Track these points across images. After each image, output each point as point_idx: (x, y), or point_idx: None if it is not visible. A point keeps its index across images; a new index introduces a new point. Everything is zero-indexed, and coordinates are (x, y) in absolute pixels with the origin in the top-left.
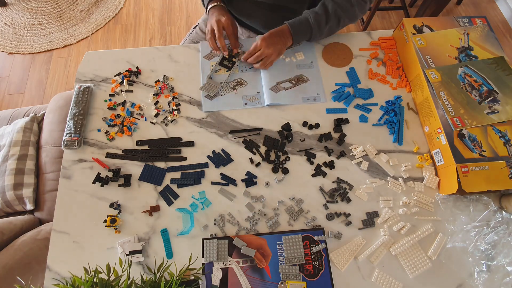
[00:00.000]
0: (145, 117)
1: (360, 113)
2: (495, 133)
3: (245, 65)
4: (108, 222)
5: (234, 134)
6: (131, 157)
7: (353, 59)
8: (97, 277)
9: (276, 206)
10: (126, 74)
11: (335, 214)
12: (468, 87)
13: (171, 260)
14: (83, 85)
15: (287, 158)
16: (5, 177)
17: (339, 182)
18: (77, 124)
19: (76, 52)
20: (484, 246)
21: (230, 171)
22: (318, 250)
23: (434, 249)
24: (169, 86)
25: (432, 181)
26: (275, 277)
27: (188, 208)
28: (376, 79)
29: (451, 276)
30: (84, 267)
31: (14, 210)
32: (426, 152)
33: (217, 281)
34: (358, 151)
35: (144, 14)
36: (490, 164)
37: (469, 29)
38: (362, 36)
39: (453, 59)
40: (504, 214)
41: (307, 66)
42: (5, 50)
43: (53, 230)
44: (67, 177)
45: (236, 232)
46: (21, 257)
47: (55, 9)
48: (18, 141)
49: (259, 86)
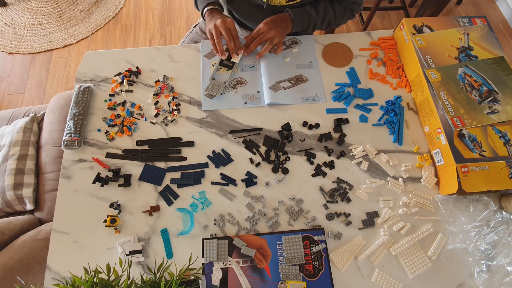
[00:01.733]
0: (145, 117)
1: (360, 113)
2: (495, 133)
3: (246, 64)
4: (108, 222)
5: (234, 134)
6: (131, 157)
7: (353, 59)
8: (97, 277)
9: (276, 206)
10: (126, 74)
11: (335, 214)
12: (468, 87)
13: (171, 260)
14: (83, 85)
15: (287, 158)
16: (5, 177)
17: (339, 182)
18: (77, 124)
19: (76, 52)
20: (484, 246)
21: (230, 171)
22: (318, 250)
23: (434, 249)
24: (169, 86)
25: (429, 180)
26: (275, 277)
27: (188, 208)
28: (376, 79)
29: (451, 276)
30: (84, 267)
31: (14, 210)
32: (426, 152)
33: (217, 281)
34: (358, 151)
35: (144, 14)
36: (490, 164)
37: (469, 29)
38: (362, 36)
39: (453, 59)
40: (504, 214)
41: (306, 66)
42: (5, 50)
43: (53, 230)
44: (67, 177)
45: (236, 232)
46: (21, 257)
47: (55, 9)
48: (18, 141)
49: (259, 85)
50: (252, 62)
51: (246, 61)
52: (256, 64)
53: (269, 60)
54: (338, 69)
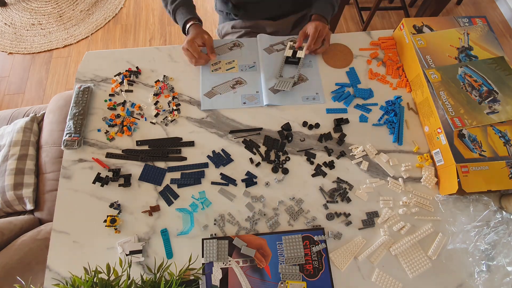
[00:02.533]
0: (145, 117)
1: (360, 113)
2: (495, 133)
3: (245, 64)
4: (108, 222)
5: (234, 134)
6: (131, 157)
7: (353, 60)
8: (97, 277)
9: (276, 206)
10: (126, 74)
11: (335, 214)
12: (468, 87)
13: (171, 260)
14: (83, 85)
15: (287, 158)
16: (5, 177)
17: (339, 182)
18: (77, 124)
19: (76, 52)
20: (484, 246)
21: (230, 171)
22: (318, 250)
23: (434, 249)
24: (169, 86)
25: (429, 180)
26: (275, 277)
27: (188, 208)
28: (376, 79)
29: (451, 276)
30: (84, 267)
31: (14, 210)
32: (426, 152)
33: (217, 281)
34: (358, 151)
35: (144, 14)
36: (490, 164)
37: (469, 29)
38: (362, 36)
39: (453, 59)
40: (504, 214)
41: (306, 66)
42: (5, 50)
43: (53, 230)
44: (67, 177)
45: (236, 232)
46: (21, 257)
47: (55, 9)
48: (18, 141)
49: (258, 85)
50: (252, 62)
51: (245, 61)
52: (256, 64)
53: (268, 61)
54: (338, 69)
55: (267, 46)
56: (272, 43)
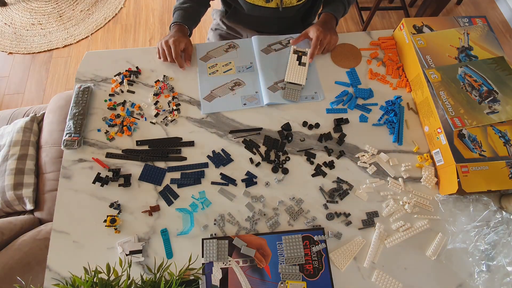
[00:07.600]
0: (145, 117)
1: (360, 113)
2: (495, 133)
3: (242, 65)
4: (108, 222)
5: (234, 134)
6: (131, 157)
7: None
8: (97, 277)
9: (276, 206)
10: (126, 74)
11: (335, 214)
12: (468, 87)
13: (171, 260)
14: (83, 85)
15: (287, 158)
16: (5, 177)
17: (339, 182)
18: (77, 124)
19: (76, 52)
20: (484, 246)
21: (230, 171)
22: (318, 250)
23: (434, 249)
24: (169, 86)
25: (429, 180)
26: (275, 277)
27: (188, 208)
28: (376, 79)
29: (451, 276)
30: (84, 267)
31: (14, 210)
32: (426, 152)
33: (217, 281)
34: (367, 157)
35: (144, 14)
36: (490, 164)
37: (469, 29)
38: (362, 36)
39: (453, 59)
40: (504, 214)
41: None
42: (5, 50)
43: (53, 230)
44: (67, 177)
45: (236, 232)
46: (21, 257)
47: (55, 9)
48: (18, 141)
49: (257, 86)
50: (249, 63)
51: (242, 62)
52: (253, 65)
53: (266, 61)
54: (338, 68)
55: (265, 46)
56: (270, 43)
